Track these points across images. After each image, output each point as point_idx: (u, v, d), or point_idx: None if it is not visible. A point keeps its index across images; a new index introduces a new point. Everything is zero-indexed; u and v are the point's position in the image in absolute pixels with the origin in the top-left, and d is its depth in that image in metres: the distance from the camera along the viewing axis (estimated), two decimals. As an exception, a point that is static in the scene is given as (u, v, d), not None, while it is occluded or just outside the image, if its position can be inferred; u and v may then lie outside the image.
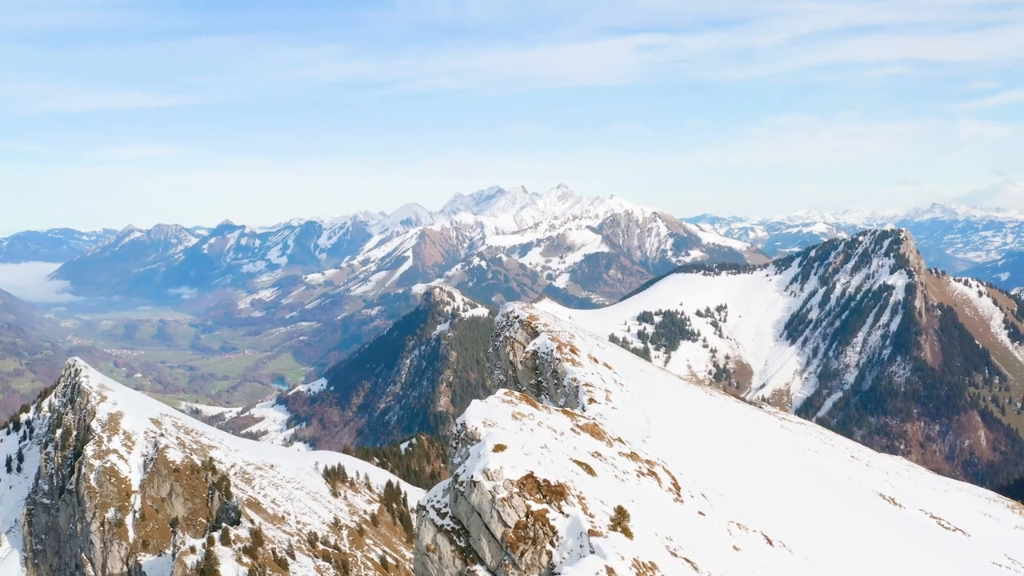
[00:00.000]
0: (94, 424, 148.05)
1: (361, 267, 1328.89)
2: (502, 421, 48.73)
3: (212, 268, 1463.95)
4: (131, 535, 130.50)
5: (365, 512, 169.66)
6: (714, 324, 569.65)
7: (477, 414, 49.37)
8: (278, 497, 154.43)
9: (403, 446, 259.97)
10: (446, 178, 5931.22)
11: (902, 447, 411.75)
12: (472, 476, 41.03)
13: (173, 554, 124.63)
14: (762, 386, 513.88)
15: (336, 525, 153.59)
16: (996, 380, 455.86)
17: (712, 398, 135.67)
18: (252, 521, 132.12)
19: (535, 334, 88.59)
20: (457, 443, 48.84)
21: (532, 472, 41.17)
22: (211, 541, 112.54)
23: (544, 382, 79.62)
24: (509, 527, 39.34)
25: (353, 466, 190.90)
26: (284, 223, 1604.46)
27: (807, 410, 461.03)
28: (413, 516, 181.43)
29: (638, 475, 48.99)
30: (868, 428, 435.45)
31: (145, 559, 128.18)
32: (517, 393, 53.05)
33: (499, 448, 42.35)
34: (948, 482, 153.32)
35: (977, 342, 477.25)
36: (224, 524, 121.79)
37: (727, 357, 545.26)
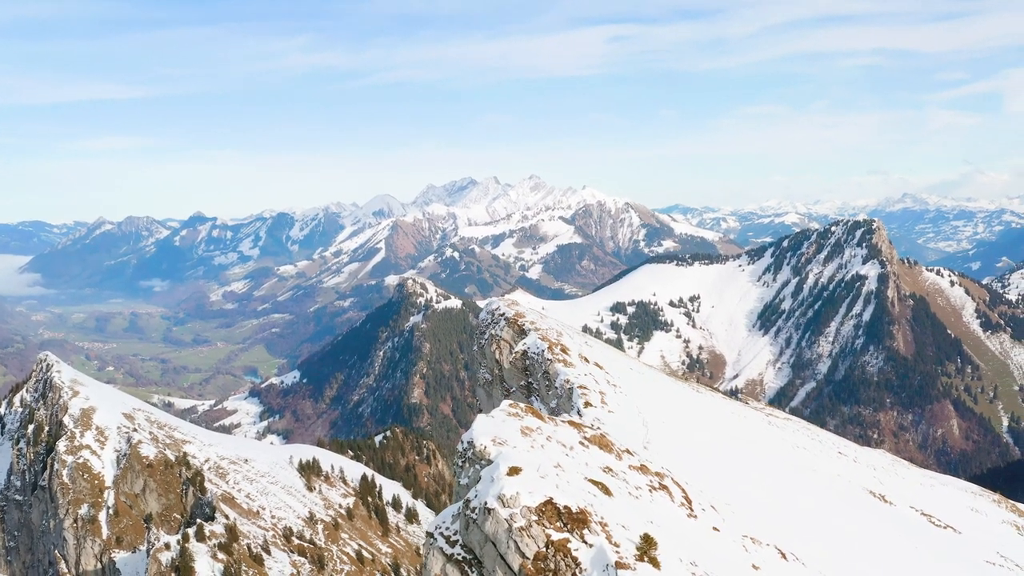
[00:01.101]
0: (66, 420, 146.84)
1: (333, 259, 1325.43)
2: (512, 438, 45.93)
3: (184, 260, 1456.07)
4: (105, 531, 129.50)
5: (340, 506, 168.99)
6: (687, 315, 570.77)
7: (485, 431, 46.55)
8: (253, 492, 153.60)
9: (377, 439, 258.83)
10: (418, 169, 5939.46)
11: (875, 436, 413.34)
12: (486, 502, 38.14)
13: (147, 550, 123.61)
14: (735, 376, 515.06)
15: (311, 519, 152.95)
16: (968, 369, 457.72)
17: (699, 395, 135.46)
18: (227, 516, 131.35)
19: (522, 332, 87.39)
20: (463, 462, 46.38)
21: (551, 498, 38.22)
22: (186, 537, 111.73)
23: (535, 383, 78.26)
24: (528, 558, 36.51)
25: (328, 460, 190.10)
26: (256, 215, 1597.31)
27: (780, 400, 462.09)
28: (388, 510, 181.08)
29: (650, 490, 46.83)
30: (841, 418, 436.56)
31: (119, 556, 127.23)
32: (522, 405, 50.71)
33: (514, 471, 39.64)
34: (933, 476, 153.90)
35: (949, 332, 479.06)
36: (199, 520, 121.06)
37: (700, 347, 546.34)
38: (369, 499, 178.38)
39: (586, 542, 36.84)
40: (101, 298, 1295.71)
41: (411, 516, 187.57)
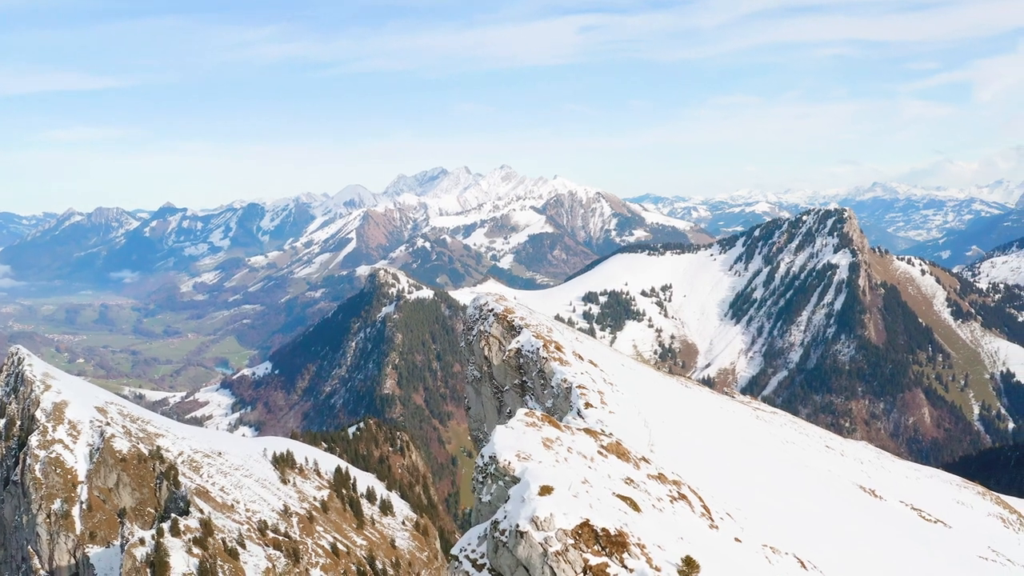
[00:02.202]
0: (38, 414, 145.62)
1: (304, 249, 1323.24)
2: (536, 452, 43.64)
3: (154, 251, 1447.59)
4: (78, 527, 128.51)
5: (315, 499, 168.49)
6: (659, 304, 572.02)
7: (507, 444, 44.08)
8: (227, 485, 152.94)
9: (351, 430, 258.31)
10: (389, 159, 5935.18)
11: (847, 425, 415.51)
12: (518, 525, 35.71)
13: (121, 545, 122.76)
14: (708, 365, 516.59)
15: (286, 512, 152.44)
16: (940, 358, 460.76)
17: (688, 390, 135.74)
18: (201, 511, 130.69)
19: (511, 328, 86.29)
20: (485, 478, 43.73)
21: (587, 519, 35.84)
22: (160, 532, 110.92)
23: (529, 382, 77.15)
24: (566, 586, 33.95)
25: (302, 452, 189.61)
26: (226, 205, 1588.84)
27: (752, 389, 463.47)
28: (363, 502, 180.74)
29: (671, 500, 45.27)
30: (813, 406, 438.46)
31: (93, 551, 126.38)
32: (539, 413, 49.09)
33: (546, 491, 37.22)
34: (917, 469, 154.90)
35: (920, 320, 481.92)
36: (173, 514, 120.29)
37: (672, 337, 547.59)
38: (343, 491, 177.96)
39: (626, 567, 35.16)
40: (71, 290, 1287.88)
41: (385, 508, 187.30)
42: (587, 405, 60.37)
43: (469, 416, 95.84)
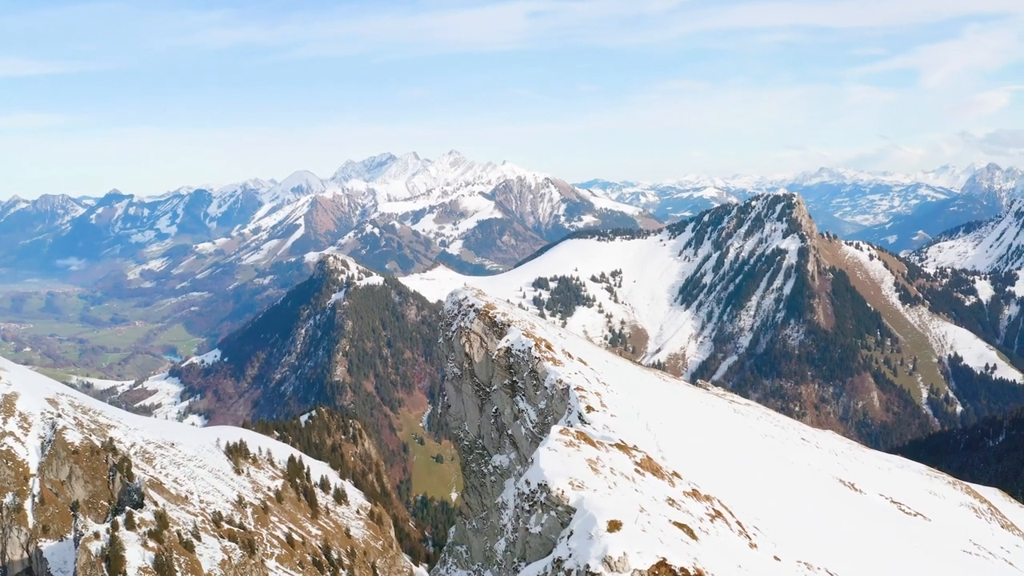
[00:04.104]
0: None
1: (252, 236, 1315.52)
2: (588, 478, 40.16)
3: (100, 238, 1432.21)
4: (31, 520, 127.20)
5: (269, 489, 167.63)
6: (609, 289, 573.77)
7: (556, 470, 40.57)
8: (180, 476, 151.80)
9: (303, 419, 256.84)
10: (337, 145, 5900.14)
11: (797, 409, 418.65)
12: (588, 566, 32.27)
13: (75, 539, 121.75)
14: (658, 350, 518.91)
15: (240, 503, 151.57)
16: (888, 342, 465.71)
17: (667, 383, 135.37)
18: (156, 503, 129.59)
19: (494, 324, 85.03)
20: (532, 506, 40.22)
21: (664, 559, 32.41)
22: (115, 526, 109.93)
23: (520, 382, 75.82)
24: (645, 633, 30.84)
25: (255, 441, 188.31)
26: (173, 192, 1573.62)
27: (703, 374, 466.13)
28: (317, 491, 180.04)
29: (711, 519, 42.07)
30: (763, 391, 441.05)
31: (46, 545, 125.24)
32: (573, 430, 46.08)
33: (614, 526, 33.97)
34: (888, 459, 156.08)
35: (869, 305, 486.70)
36: (127, 507, 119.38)
37: (623, 322, 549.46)
38: (297, 481, 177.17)
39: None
40: (16, 277, 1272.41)
41: (339, 497, 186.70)
42: (588, 409, 58.16)
43: (449, 414, 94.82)
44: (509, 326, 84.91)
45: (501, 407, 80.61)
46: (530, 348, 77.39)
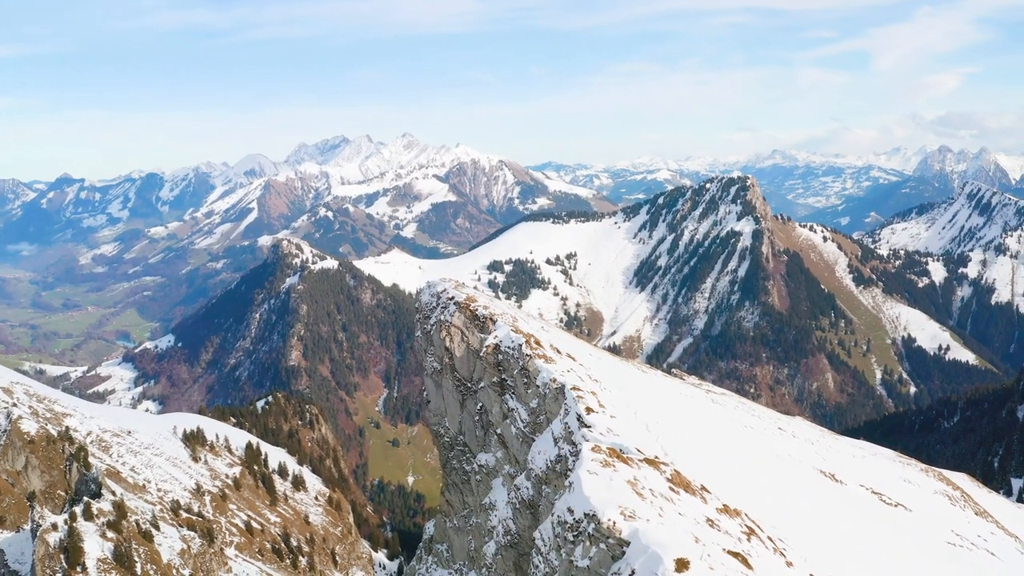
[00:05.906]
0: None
1: (205, 219, 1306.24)
2: (638, 507, 37.99)
3: (52, 223, 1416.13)
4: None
5: (227, 476, 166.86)
6: (564, 272, 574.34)
7: (603, 498, 38.35)
8: (137, 465, 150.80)
9: (260, 404, 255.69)
10: (290, 128, 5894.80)
11: (752, 391, 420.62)
12: None
13: (32, 530, 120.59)
14: (613, 333, 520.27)
15: (199, 491, 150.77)
16: (842, 324, 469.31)
17: (646, 375, 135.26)
18: (114, 492, 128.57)
19: (475, 318, 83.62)
20: (577, 536, 38.13)
21: None
22: (73, 517, 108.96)
23: (509, 380, 74.63)
24: None
25: (212, 428, 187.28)
26: (125, 175, 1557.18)
27: (658, 356, 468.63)
28: (275, 478, 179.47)
29: (747, 537, 40.31)
30: (719, 373, 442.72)
31: (3, 536, 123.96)
32: (606, 448, 44.86)
33: (682, 565, 32.10)
34: (860, 446, 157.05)
35: (823, 286, 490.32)
36: (85, 497, 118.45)
37: (578, 305, 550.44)
38: (255, 468, 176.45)
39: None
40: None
41: (298, 483, 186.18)
42: (588, 410, 55.65)
43: (428, 410, 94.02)
44: (492, 320, 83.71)
45: (488, 405, 79.72)
46: (520, 345, 75.85)
